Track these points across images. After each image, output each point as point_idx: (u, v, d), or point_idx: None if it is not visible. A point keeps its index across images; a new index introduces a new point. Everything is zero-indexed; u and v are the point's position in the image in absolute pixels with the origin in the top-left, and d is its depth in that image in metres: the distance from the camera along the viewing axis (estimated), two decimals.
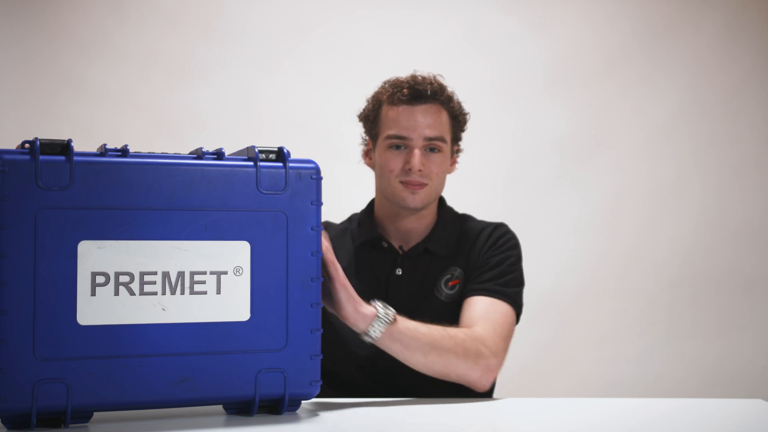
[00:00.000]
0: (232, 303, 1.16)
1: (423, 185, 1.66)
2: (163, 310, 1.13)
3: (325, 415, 1.23)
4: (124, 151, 1.16)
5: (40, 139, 1.10)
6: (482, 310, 1.57)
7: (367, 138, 1.78)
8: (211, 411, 1.23)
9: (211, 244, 1.16)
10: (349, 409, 1.29)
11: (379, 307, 1.35)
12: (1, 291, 1.05)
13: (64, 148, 1.12)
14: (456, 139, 1.75)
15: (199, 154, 1.21)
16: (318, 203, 1.23)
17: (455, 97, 1.75)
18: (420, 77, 1.71)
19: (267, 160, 1.22)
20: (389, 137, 1.67)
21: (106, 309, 1.10)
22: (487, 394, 1.72)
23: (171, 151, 1.28)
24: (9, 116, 3.14)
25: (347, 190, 2.26)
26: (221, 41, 3.17)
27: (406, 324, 1.40)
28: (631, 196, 3.20)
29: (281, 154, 1.23)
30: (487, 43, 3.21)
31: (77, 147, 1.15)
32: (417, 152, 1.63)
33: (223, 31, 3.18)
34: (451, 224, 1.75)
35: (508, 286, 1.64)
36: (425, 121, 1.66)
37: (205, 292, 1.15)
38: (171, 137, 3.14)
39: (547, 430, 1.23)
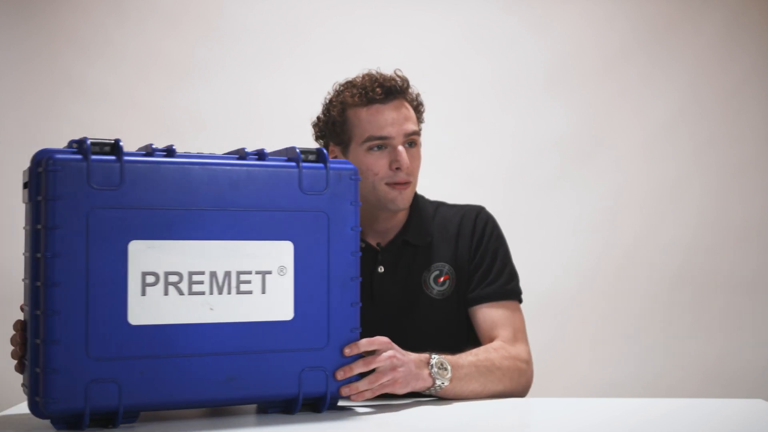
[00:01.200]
0: (276, 302, 1.18)
1: (408, 183, 1.62)
2: (211, 309, 1.14)
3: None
4: (169, 151, 1.18)
5: (89, 139, 1.11)
6: (500, 319, 1.60)
7: (331, 146, 1.70)
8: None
9: (256, 244, 1.18)
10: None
11: (433, 360, 1.38)
12: (54, 291, 1.06)
13: (113, 147, 1.13)
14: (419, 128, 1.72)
15: (241, 154, 1.23)
16: (356, 204, 1.25)
17: (411, 88, 1.71)
18: (381, 74, 1.67)
19: (308, 161, 1.24)
20: (370, 139, 1.60)
21: (156, 308, 1.11)
22: None
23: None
24: (9, 116, 3.14)
25: None
26: (221, 41, 3.17)
27: (460, 366, 1.42)
28: (631, 196, 3.20)
29: (321, 155, 1.25)
30: (487, 43, 3.21)
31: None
32: (402, 150, 1.60)
33: (223, 31, 3.18)
34: (425, 212, 1.72)
35: (511, 282, 1.65)
36: (403, 116, 1.63)
37: (250, 292, 1.17)
38: (171, 137, 3.12)
39: (547, 430, 1.23)
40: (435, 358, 1.38)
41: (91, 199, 1.09)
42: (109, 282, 1.09)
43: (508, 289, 1.64)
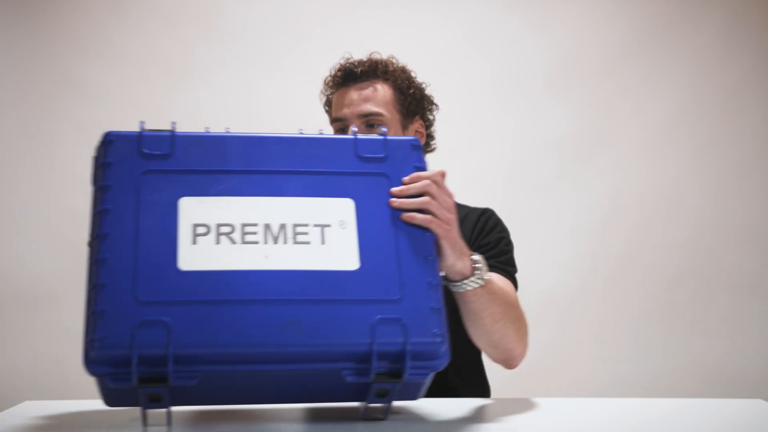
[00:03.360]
0: (338, 253, 1.09)
1: None
2: (266, 257, 1.07)
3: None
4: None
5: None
6: (500, 281, 1.49)
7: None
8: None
9: (313, 199, 1.13)
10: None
11: (478, 257, 1.29)
12: (102, 243, 1.05)
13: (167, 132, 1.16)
14: (410, 112, 1.70)
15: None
16: (422, 167, 1.20)
17: (402, 72, 1.71)
18: (354, 60, 1.71)
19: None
20: (333, 121, 1.69)
21: (207, 256, 1.06)
22: (486, 394, 1.72)
23: None
24: (9, 116, 3.14)
25: None
26: (221, 41, 3.17)
27: (499, 282, 1.37)
28: (631, 196, 3.20)
29: (380, 133, 1.22)
30: (487, 43, 3.21)
31: (76, 147, 1.16)
32: (352, 129, 1.62)
33: (223, 31, 3.18)
34: None
35: (509, 265, 1.61)
36: (359, 98, 1.65)
37: (308, 243, 1.09)
38: None
39: (547, 430, 1.23)
40: (477, 255, 1.30)
41: (143, 164, 1.12)
42: (159, 232, 1.07)
43: (506, 268, 1.58)
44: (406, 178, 1.18)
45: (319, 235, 1.10)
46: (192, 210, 1.09)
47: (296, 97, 3.17)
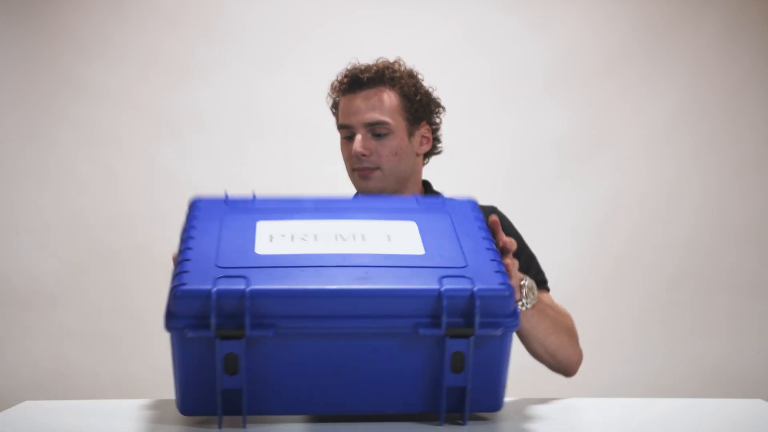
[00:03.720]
0: (404, 244, 1.16)
1: (373, 170, 1.66)
2: (339, 246, 1.16)
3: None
4: None
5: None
6: (544, 295, 1.62)
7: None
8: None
9: (378, 221, 1.21)
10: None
11: (527, 278, 1.37)
12: (186, 248, 1.13)
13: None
14: (416, 118, 1.71)
15: None
16: (478, 215, 1.25)
17: (409, 77, 1.72)
18: (361, 65, 1.72)
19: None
20: (340, 127, 1.70)
21: (283, 247, 1.14)
22: None
23: (170, 152, 1.29)
24: (9, 116, 3.14)
25: (347, 190, 2.26)
26: (221, 41, 3.17)
27: (544, 297, 1.45)
28: (631, 196, 3.20)
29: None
30: (487, 43, 3.21)
31: (75, 146, 1.17)
32: (357, 138, 1.64)
33: (223, 31, 3.18)
34: None
35: (539, 272, 1.74)
36: (365, 106, 1.66)
37: (376, 239, 1.17)
38: (171, 137, 3.14)
39: (547, 429, 1.23)
40: (527, 279, 1.38)
41: (226, 208, 1.22)
42: (239, 237, 1.15)
43: (542, 279, 1.70)
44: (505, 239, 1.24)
45: (385, 236, 1.18)
46: (269, 226, 1.18)
47: (296, 96, 3.18)
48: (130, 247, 3.13)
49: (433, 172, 1.87)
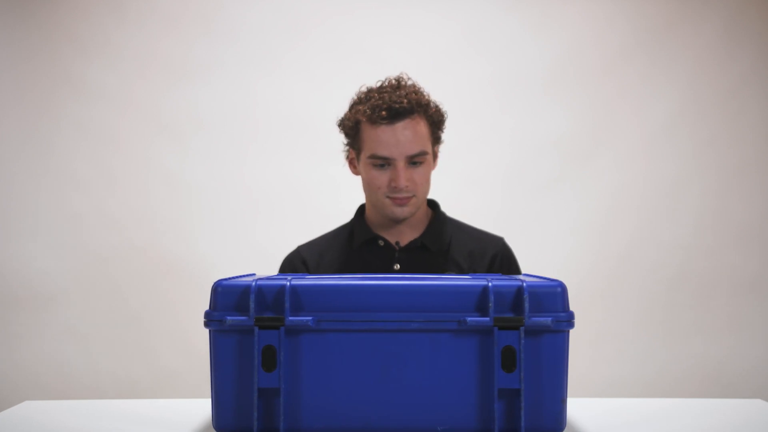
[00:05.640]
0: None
1: (410, 198, 1.70)
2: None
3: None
4: None
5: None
6: None
7: (349, 147, 1.78)
8: None
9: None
10: None
11: None
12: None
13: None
14: (436, 141, 1.76)
15: None
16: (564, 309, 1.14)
17: (432, 102, 1.73)
18: (395, 93, 1.69)
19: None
20: (373, 157, 1.68)
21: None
22: None
23: (169, 152, 1.28)
24: (9, 116, 3.14)
25: (347, 190, 2.26)
26: (221, 41, 3.17)
27: None
28: (631, 196, 3.20)
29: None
30: (487, 43, 3.21)
31: (74, 146, 1.16)
32: (401, 170, 1.66)
33: (222, 31, 3.18)
34: (446, 225, 1.80)
35: None
36: (405, 138, 1.66)
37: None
38: (170, 137, 3.14)
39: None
40: None
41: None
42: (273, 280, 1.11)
43: None
44: None
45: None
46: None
47: (295, 96, 3.18)
48: (129, 247, 3.13)
49: (433, 171, 1.88)
